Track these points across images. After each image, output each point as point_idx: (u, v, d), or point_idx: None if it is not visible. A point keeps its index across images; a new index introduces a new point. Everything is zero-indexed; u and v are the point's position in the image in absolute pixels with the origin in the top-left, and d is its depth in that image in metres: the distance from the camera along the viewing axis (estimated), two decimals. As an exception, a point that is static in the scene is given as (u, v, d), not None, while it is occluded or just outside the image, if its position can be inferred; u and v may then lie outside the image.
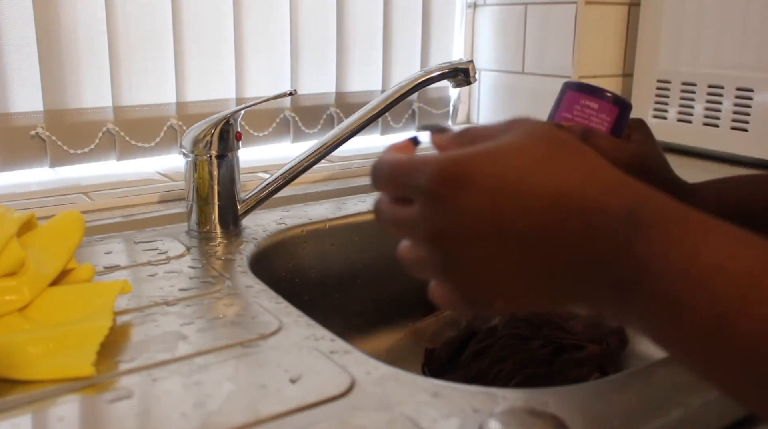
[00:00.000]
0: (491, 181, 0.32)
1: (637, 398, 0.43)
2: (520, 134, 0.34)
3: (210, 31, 1.00)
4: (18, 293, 0.51)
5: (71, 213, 0.61)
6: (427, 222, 0.33)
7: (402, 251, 0.37)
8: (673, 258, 0.30)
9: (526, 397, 0.42)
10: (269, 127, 1.08)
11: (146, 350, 0.47)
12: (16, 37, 0.85)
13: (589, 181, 0.32)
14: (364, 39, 1.16)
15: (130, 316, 0.53)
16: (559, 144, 0.33)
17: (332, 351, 0.48)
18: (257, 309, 0.54)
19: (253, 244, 0.71)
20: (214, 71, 1.01)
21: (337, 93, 1.15)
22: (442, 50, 1.27)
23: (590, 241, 0.31)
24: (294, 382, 0.44)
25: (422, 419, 0.40)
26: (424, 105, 1.25)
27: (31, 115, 0.88)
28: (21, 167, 0.90)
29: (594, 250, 0.31)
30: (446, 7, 1.25)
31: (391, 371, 0.45)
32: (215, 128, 0.70)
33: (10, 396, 0.41)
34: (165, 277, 0.61)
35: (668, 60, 1.12)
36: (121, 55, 0.93)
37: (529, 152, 0.33)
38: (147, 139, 0.97)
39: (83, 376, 0.43)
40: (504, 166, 0.32)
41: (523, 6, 1.23)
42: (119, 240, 0.71)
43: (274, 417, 0.40)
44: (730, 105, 1.05)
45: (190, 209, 0.72)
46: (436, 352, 0.72)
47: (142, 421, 0.39)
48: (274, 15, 1.05)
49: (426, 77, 0.74)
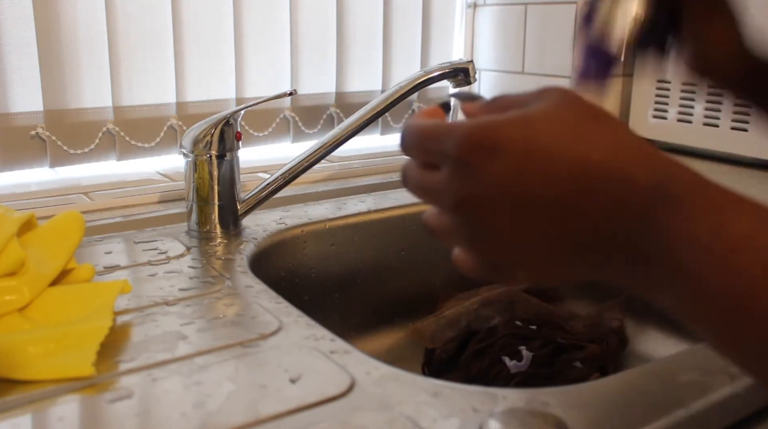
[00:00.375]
0: (520, 147, 0.31)
1: (637, 398, 0.43)
2: (550, 102, 0.34)
3: (210, 31, 1.00)
4: (18, 293, 0.51)
5: (71, 213, 0.61)
6: (454, 188, 0.33)
7: (428, 218, 0.37)
8: (697, 232, 0.29)
9: (526, 397, 0.42)
10: (269, 127, 1.08)
11: (146, 350, 0.47)
12: (16, 37, 0.85)
13: (617, 149, 0.32)
14: (364, 39, 1.16)
15: (130, 316, 0.53)
16: (589, 113, 0.33)
17: (332, 351, 0.48)
18: (257, 309, 0.54)
19: (253, 244, 0.71)
20: (214, 71, 1.01)
21: (337, 93, 1.15)
22: (442, 50, 1.27)
23: (616, 210, 0.31)
24: (294, 382, 0.44)
25: (422, 419, 0.40)
26: (424, 105, 1.25)
27: (31, 115, 0.88)
28: (21, 167, 0.90)
29: (619, 220, 0.31)
30: (446, 7, 1.25)
31: (391, 371, 0.45)
32: (215, 128, 0.70)
33: (10, 396, 0.41)
34: (165, 277, 0.61)
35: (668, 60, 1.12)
36: (121, 55, 0.93)
37: (558, 120, 0.32)
38: (147, 139, 0.97)
39: (83, 376, 0.43)
40: (533, 134, 0.32)
41: (523, 6, 1.23)
42: (119, 240, 0.71)
43: (274, 417, 0.40)
44: (730, 105, 1.05)
45: (190, 209, 0.72)
46: (436, 352, 0.72)
47: (142, 421, 0.39)
48: (274, 15, 1.05)
49: (426, 77, 0.74)
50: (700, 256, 0.29)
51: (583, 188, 0.31)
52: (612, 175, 0.31)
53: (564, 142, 0.32)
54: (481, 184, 0.32)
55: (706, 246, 0.29)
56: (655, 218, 0.30)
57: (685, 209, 0.30)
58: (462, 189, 0.33)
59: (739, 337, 0.29)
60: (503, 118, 0.33)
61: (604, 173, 0.31)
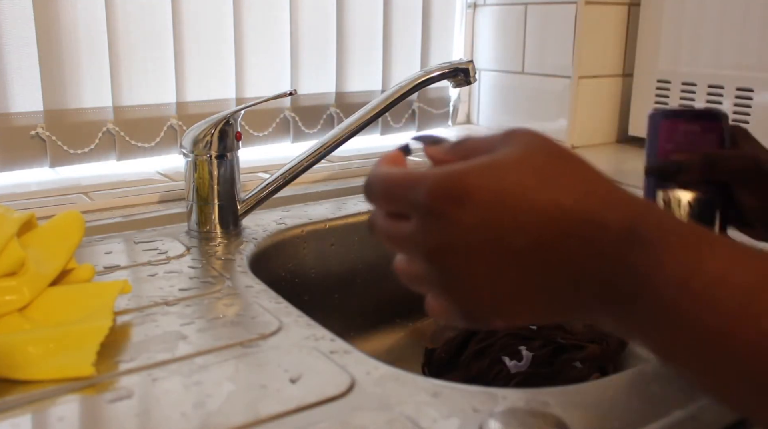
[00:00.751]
0: (490, 197, 0.31)
1: (637, 398, 0.43)
2: (518, 147, 0.33)
3: (210, 31, 1.00)
4: (18, 293, 0.51)
5: (71, 213, 0.61)
6: (425, 238, 0.33)
7: (399, 265, 0.36)
8: (673, 269, 0.29)
9: (526, 397, 0.42)
10: (269, 127, 1.08)
11: (146, 350, 0.47)
12: (16, 37, 0.85)
13: (588, 195, 0.32)
14: (364, 39, 1.16)
15: (130, 316, 0.53)
16: (557, 157, 0.33)
17: (332, 351, 0.48)
18: (257, 309, 0.54)
19: (253, 244, 0.71)
20: (214, 71, 1.01)
21: (337, 93, 1.15)
22: (442, 50, 1.27)
23: (590, 256, 0.31)
24: (294, 382, 0.43)
25: (422, 419, 0.40)
26: (424, 105, 1.25)
27: (31, 115, 0.88)
28: (21, 167, 0.90)
29: (594, 265, 0.31)
30: (446, 7, 1.25)
31: (391, 371, 0.45)
32: (215, 128, 0.70)
33: (10, 396, 0.41)
34: (165, 277, 0.61)
35: (668, 60, 1.12)
36: (121, 55, 0.93)
37: (527, 166, 0.32)
38: (147, 139, 0.97)
39: (83, 376, 0.43)
40: (502, 181, 0.31)
41: (523, 6, 1.23)
42: (119, 240, 0.71)
43: (274, 417, 0.40)
44: (730, 105, 1.05)
45: (190, 209, 0.72)
46: (436, 352, 0.72)
47: (142, 421, 0.39)
48: (274, 15, 1.05)
49: (426, 77, 0.74)
50: (676, 293, 0.29)
51: (555, 235, 0.31)
52: (583, 219, 0.31)
53: (533, 188, 0.31)
54: (452, 233, 0.32)
55: (683, 283, 0.29)
56: (629, 261, 0.30)
57: (658, 249, 0.30)
58: (433, 239, 0.32)
59: (717, 373, 0.29)
60: (471, 165, 0.32)
61: (575, 218, 0.31)
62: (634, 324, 0.31)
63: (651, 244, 0.30)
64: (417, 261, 0.34)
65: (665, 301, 0.29)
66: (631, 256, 0.30)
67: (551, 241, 0.31)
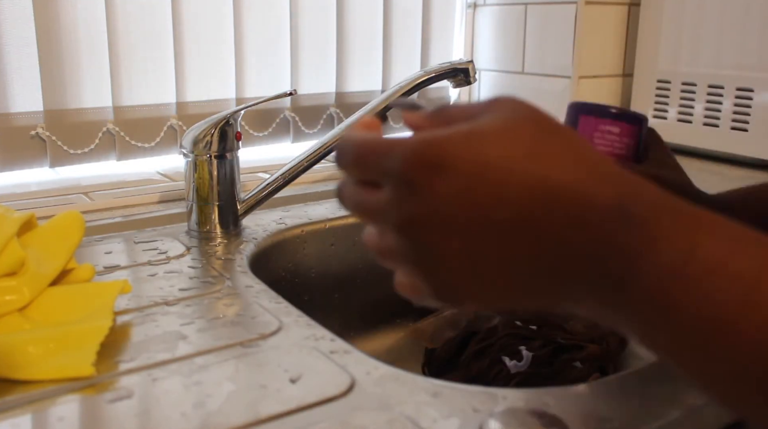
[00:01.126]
0: (470, 167, 0.28)
1: (637, 398, 0.43)
2: (502, 115, 0.31)
3: (210, 32, 1.00)
4: (18, 293, 0.51)
5: (71, 213, 0.61)
6: (398, 209, 0.30)
7: (368, 238, 0.34)
8: (666, 255, 0.27)
9: (526, 397, 0.42)
10: (269, 127, 1.08)
11: (146, 350, 0.47)
12: (16, 37, 0.85)
13: (577, 170, 0.29)
14: (364, 39, 1.16)
15: (130, 316, 0.53)
16: (545, 128, 0.30)
17: (332, 351, 0.48)
18: (257, 309, 0.54)
19: (253, 244, 0.71)
20: (214, 71, 1.01)
21: (337, 93, 1.15)
22: (442, 50, 1.27)
23: (577, 234, 0.28)
24: (294, 382, 0.43)
25: (422, 419, 0.40)
26: (424, 105, 1.25)
27: (31, 115, 0.88)
28: (21, 167, 0.90)
29: (580, 245, 0.28)
30: (446, 7, 1.25)
31: (391, 371, 0.45)
32: (215, 128, 0.70)
33: (10, 396, 0.41)
34: (165, 277, 0.61)
35: (668, 60, 1.12)
36: (121, 55, 0.93)
37: (513, 136, 0.29)
38: (147, 139, 0.97)
39: (83, 376, 0.43)
40: (485, 151, 0.29)
41: (523, 6, 1.23)
42: (119, 240, 0.71)
43: (274, 417, 0.40)
44: (730, 105, 1.05)
45: (190, 209, 0.72)
46: (436, 352, 0.72)
47: (142, 421, 0.39)
48: (274, 15, 1.05)
49: (426, 77, 0.74)
50: (669, 281, 0.27)
51: (542, 211, 0.28)
52: (573, 197, 0.28)
53: (518, 160, 0.29)
54: (427, 204, 0.29)
55: (677, 270, 0.27)
56: (619, 241, 0.28)
57: (650, 230, 0.28)
58: (406, 209, 0.30)
59: (712, 368, 0.27)
60: (452, 132, 0.30)
61: (564, 195, 0.28)
62: (622, 313, 0.29)
63: (642, 224, 0.28)
64: (388, 233, 0.31)
65: (656, 290, 0.27)
66: (620, 236, 0.28)
67: (536, 217, 0.28)
